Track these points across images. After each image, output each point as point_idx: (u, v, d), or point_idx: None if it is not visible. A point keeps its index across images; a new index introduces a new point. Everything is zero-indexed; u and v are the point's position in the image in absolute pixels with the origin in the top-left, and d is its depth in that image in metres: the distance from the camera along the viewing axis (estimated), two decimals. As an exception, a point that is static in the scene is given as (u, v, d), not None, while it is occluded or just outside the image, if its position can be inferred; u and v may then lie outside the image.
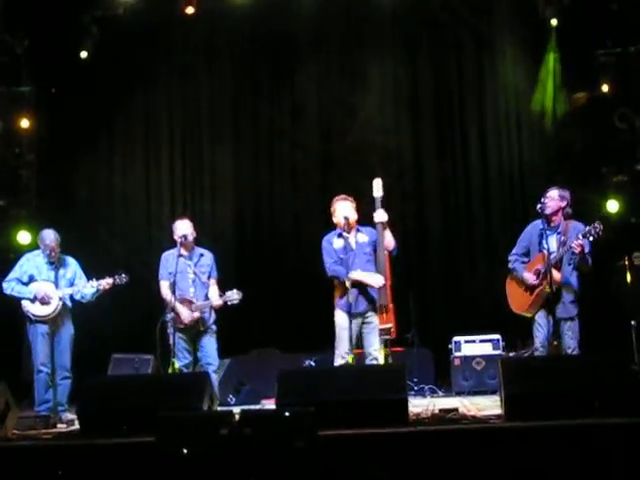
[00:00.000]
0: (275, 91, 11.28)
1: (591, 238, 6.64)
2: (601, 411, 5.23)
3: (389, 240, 7.01)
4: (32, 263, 7.82)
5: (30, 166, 10.58)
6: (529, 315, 7.07)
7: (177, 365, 7.34)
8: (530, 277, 7.00)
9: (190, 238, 7.64)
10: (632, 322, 8.66)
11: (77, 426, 6.34)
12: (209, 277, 7.72)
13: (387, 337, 6.92)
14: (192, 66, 11.25)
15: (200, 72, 11.32)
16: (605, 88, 9.87)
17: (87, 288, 7.78)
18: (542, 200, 7.01)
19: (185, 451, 4.76)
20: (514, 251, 7.28)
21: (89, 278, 7.86)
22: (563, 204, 7.04)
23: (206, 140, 11.33)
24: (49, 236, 7.77)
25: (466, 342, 9.23)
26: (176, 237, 7.64)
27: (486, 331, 9.25)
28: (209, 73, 11.34)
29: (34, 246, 9.34)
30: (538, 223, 7.15)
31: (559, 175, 9.77)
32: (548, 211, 6.96)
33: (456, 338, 9.27)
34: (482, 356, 9.05)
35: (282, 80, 11.19)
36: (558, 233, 6.96)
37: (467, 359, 9.08)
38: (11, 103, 10.39)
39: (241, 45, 11.23)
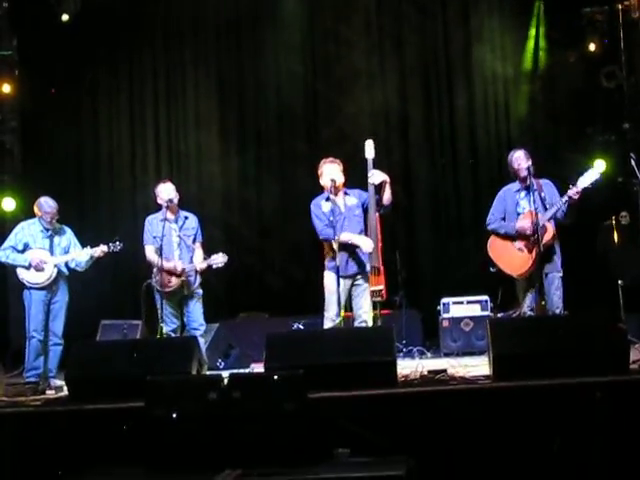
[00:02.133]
0: (259, 57, 11.13)
1: (590, 187, 6.66)
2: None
3: (388, 196, 6.96)
4: (27, 231, 7.81)
5: (13, 132, 10.48)
6: (521, 278, 7.04)
7: (165, 330, 7.34)
8: (528, 224, 6.86)
9: (175, 201, 7.60)
10: (619, 282, 8.69)
11: (65, 392, 6.34)
12: (194, 240, 7.68)
13: (379, 299, 6.92)
14: (177, 30, 11.13)
15: (185, 36, 11.18)
16: (592, 46, 9.82)
17: (82, 256, 7.79)
18: (511, 164, 7.04)
19: (174, 415, 4.76)
20: (491, 216, 7.25)
21: (83, 246, 7.85)
22: (530, 162, 7.01)
23: (191, 103, 11.21)
24: (47, 203, 7.76)
25: (454, 303, 9.25)
26: (160, 201, 7.59)
27: (474, 292, 9.27)
28: (194, 37, 11.20)
29: (18, 213, 9.34)
30: (510, 188, 7.18)
31: (547, 136, 9.78)
32: (523, 173, 6.95)
33: (444, 300, 9.29)
34: (470, 317, 9.08)
35: (266, 45, 11.06)
36: (535, 191, 6.93)
37: (455, 320, 9.11)
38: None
39: (227, 12, 11.08)
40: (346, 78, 10.90)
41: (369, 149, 7.06)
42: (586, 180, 6.71)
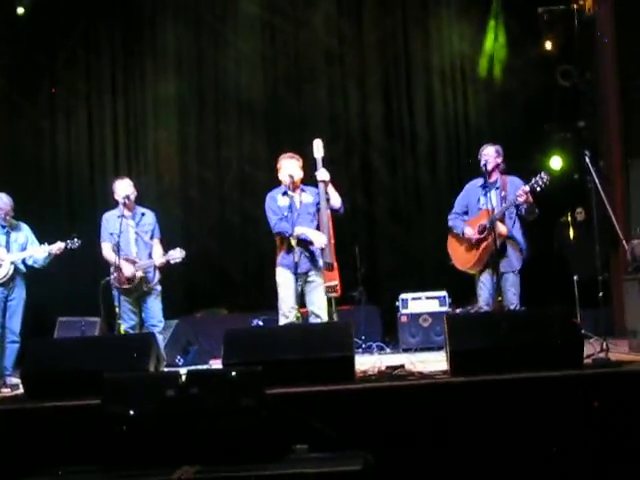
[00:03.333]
0: (219, 49, 11.11)
1: (538, 189, 6.70)
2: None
3: (335, 198, 6.99)
4: None
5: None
6: (473, 272, 7.15)
7: (123, 327, 7.29)
8: (471, 232, 7.05)
9: (132, 198, 7.56)
10: (575, 277, 8.79)
11: (21, 390, 6.27)
12: (152, 237, 7.65)
13: (333, 294, 6.95)
14: (135, 18, 11.04)
15: (142, 24, 11.10)
16: (548, 45, 9.92)
17: (39, 253, 7.71)
18: (479, 158, 7.09)
19: (132, 412, 4.73)
20: (453, 211, 7.34)
21: (41, 243, 7.77)
22: (499, 160, 7.10)
23: (149, 100, 11.14)
24: (2, 199, 7.68)
25: (413, 299, 9.30)
26: (117, 197, 7.55)
27: (432, 288, 9.33)
28: (151, 28, 11.12)
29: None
30: (475, 183, 7.24)
31: (504, 133, 9.86)
32: (489, 168, 7.02)
33: (403, 295, 9.34)
34: (429, 313, 9.14)
35: (225, 40, 11.03)
36: (497, 188, 7.03)
37: (414, 316, 9.16)
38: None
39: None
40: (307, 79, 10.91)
41: (317, 148, 7.07)
42: (534, 184, 6.75)
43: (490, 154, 7.09)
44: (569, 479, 4.92)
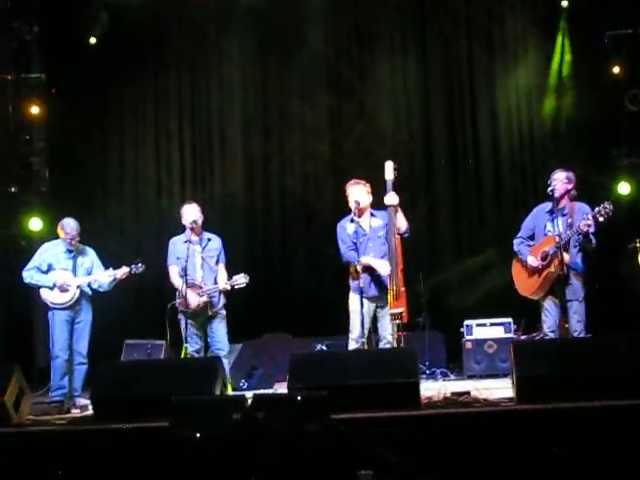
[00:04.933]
0: (285, 77, 11.19)
1: (601, 218, 6.62)
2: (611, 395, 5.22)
3: (401, 222, 7.00)
4: (51, 252, 7.89)
5: (41, 153, 10.62)
6: (535, 298, 7.08)
7: (189, 350, 7.37)
8: (533, 260, 7.00)
9: (199, 223, 7.67)
10: (643, 304, 8.65)
11: (91, 411, 6.38)
12: (217, 262, 7.74)
13: (398, 321, 6.94)
14: (201, 51, 11.20)
15: (208, 57, 11.24)
16: (616, 70, 9.82)
17: (104, 277, 7.86)
18: (549, 183, 7.02)
19: (198, 436, 4.78)
20: (519, 234, 7.31)
21: (106, 267, 7.92)
22: (570, 186, 7.05)
23: (216, 124, 11.27)
24: (69, 224, 7.83)
25: (477, 325, 9.21)
26: (185, 222, 7.67)
27: (498, 314, 9.25)
28: (218, 58, 11.26)
29: (45, 233, 9.44)
30: (543, 207, 7.18)
31: (571, 158, 9.75)
32: (557, 194, 6.95)
33: (467, 321, 9.25)
34: (494, 339, 9.04)
35: (291, 66, 11.11)
36: (564, 215, 6.97)
37: (479, 342, 9.06)
38: (21, 90, 10.41)
39: (249, 32, 11.11)
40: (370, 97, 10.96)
41: (388, 170, 7.10)
42: (596, 213, 6.67)
43: (560, 179, 7.03)
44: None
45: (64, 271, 7.78)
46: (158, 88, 11.30)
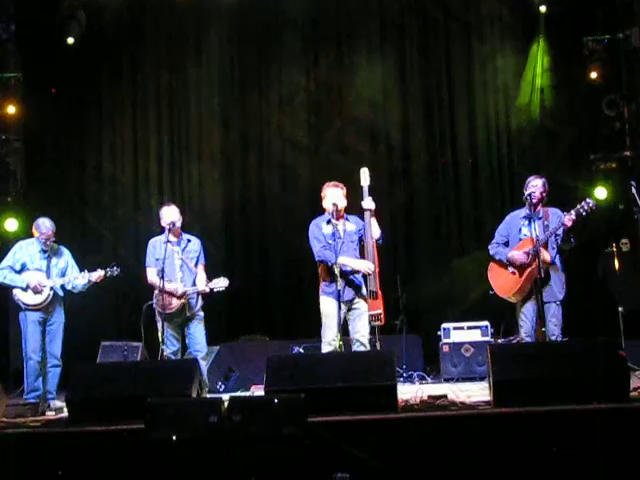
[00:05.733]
0: (263, 79, 11.17)
1: (584, 213, 6.66)
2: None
3: (375, 229, 7.03)
4: (25, 251, 7.82)
5: (16, 153, 10.51)
6: (514, 300, 7.09)
7: (166, 352, 7.34)
8: (519, 254, 6.99)
9: (178, 224, 7.63)
10: (620, 308, 8.70)
11: (66, 414, 6.33)
12: (197, 263, 7.71)
13: (377, 323, 6.95)
14: (179, 52, 11.16)
15: (187, 58, 11.20)
16: (594, 75, 9.88)
17: (78, 279, 7.79)
18: (525, 189, 7.06)
19: (174, 438, 4.75)
20: (493, 241, 7.34)
21: (81, 268, 7.86)
22: (545, 192, 7.08)
23: (194, 126, 11.23)
24: (44, 224, 7.76)
25: (455, 329, 9.24)
26: (164, 224, 7.63)
27: (475, 318, 9.27)
28: (196, 60, 11.23)
29: (20, 233, 9.35)
30: (517, 213, 7.23)
31: (548, 163, 9.81)
32: (534, 200, 6.99)
33: (445, 325, 9.28)
34: (471, 343, 9.08)
35: (270, 68, 11.10)
36: (539, 218, 7.00)
37: (456, 346, 9.10)
38: (-3, 89, 10.34)
39: (229, 33, 11.11)
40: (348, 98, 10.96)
41: (364, 177, 7.17)
42: (579, 209, 6.72)
43: (538, 186, 7.07)
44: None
45: (37, 272, 7.72)
46: (136, 88, 11.24)
